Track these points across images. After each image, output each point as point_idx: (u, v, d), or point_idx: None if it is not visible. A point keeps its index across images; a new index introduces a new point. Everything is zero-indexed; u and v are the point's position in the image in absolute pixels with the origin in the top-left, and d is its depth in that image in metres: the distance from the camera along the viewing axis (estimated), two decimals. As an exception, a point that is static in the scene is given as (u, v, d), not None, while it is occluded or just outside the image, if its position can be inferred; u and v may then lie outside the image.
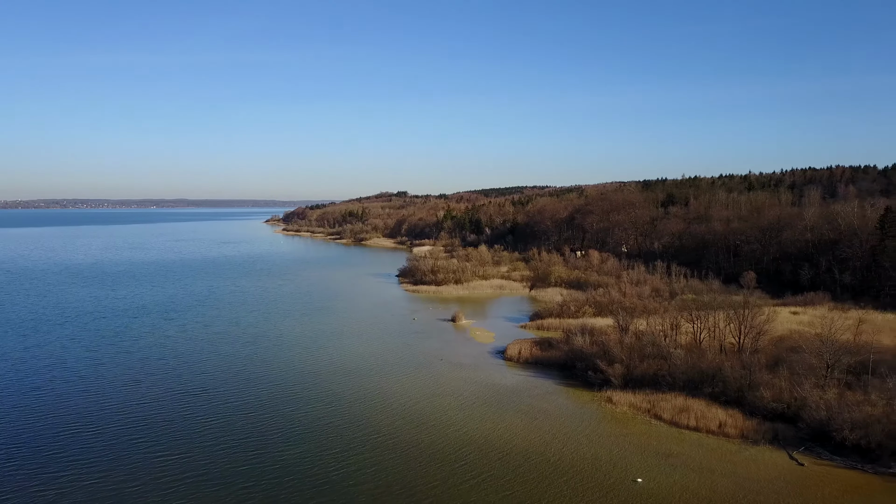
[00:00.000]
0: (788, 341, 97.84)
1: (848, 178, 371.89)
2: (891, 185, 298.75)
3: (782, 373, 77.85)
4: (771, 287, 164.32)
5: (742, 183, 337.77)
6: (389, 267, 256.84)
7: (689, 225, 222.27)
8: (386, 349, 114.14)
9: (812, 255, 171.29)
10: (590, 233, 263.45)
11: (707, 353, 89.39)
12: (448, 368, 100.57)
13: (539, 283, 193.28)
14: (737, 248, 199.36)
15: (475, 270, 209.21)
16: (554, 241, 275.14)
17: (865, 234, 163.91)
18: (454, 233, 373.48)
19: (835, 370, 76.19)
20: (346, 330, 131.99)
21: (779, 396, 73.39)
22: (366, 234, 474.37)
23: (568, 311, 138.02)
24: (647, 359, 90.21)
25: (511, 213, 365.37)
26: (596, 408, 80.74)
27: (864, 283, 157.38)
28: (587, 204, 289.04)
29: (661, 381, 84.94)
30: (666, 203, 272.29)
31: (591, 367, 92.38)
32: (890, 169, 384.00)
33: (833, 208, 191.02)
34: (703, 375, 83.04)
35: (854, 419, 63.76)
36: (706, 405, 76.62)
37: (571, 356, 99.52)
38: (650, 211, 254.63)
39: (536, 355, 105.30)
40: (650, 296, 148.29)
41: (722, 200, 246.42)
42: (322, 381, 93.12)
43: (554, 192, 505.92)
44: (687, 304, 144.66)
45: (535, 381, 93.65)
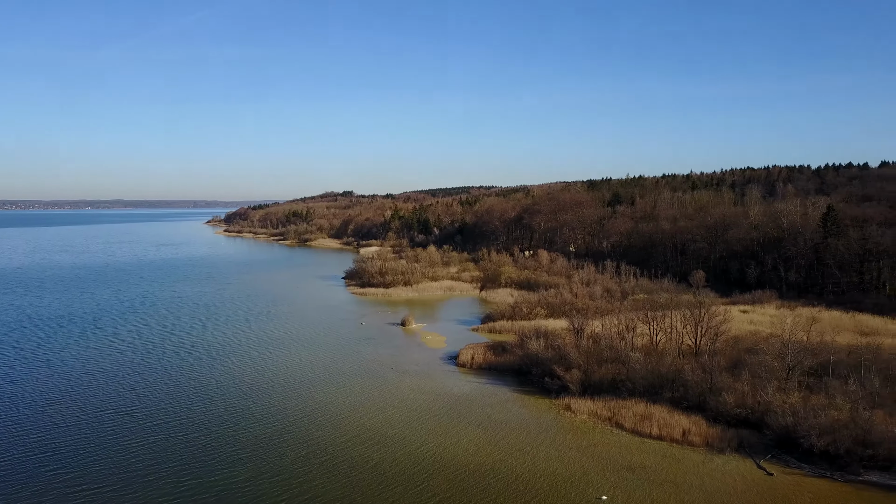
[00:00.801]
0: (745, 342, 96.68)
1: (784, 177, 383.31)
2: (824, 184, 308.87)
3: (744, 376, 75.82)
4: (719, 285, 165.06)
5: (685, 182, 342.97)
6: (335, 269, 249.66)
7: (637, 224, 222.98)
8: (333, 358, 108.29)
9: (758, 254, 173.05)
10: (538, 232, 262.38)
11: (665, 356, 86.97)
12: (399, 377, 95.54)
13: (489, 283, 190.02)
14: (684, 247, 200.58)
15: (424, 272, 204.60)
16: (503, 241, 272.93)
17: (809, 232, 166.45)
18: (402, 233, 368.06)
19: (795, 372, 74.55)
20: (290, 337, 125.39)
21: (742, 401, 71.16)
22: (311, 234, 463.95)
23: (520, 312, 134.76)
24: (605, 363, 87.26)
25: (459, 213, 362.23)
26: (555, 417, 77.07)
27: (809, 281, 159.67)
28: (535, 203, 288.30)
29: (620, 386, 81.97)
30: (612, 202, 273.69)
31: (548, 373, 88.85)
32: (823, 169, 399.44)
33: (776, 207, 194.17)
34: (663, 380, 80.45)
35: (821, 425, 61.77)
36: (668, 412, 73.88)
37: (527, 361, 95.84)
38: (597, 210, 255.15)
39: (490, 361, 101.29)
40: (602, 296, 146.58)
41: (667, 199, 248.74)
42: (263, 395, 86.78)
43: (500, 192, 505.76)
44: (639, 305, 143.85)
45: (489, 388, 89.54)
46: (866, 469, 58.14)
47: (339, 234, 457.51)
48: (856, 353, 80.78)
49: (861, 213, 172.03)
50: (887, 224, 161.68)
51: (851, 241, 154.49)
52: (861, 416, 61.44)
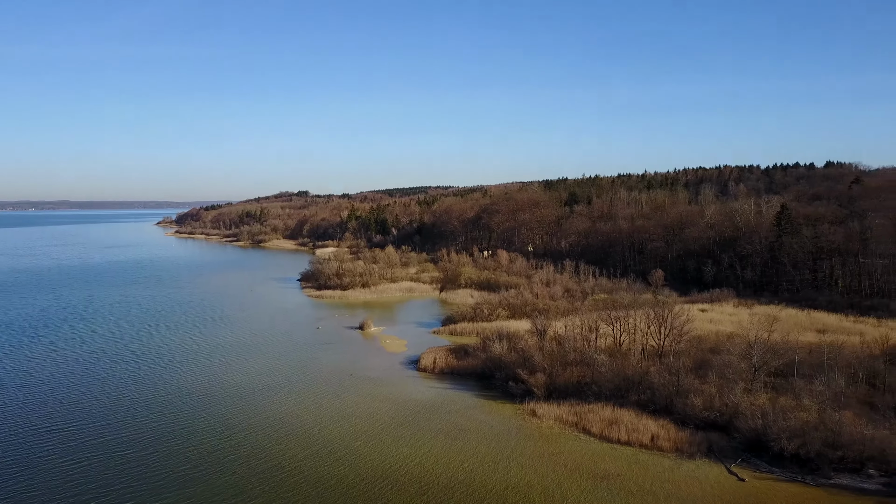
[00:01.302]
0: (707, 342, 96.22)
1: (735, 176, 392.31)
2: (773, 183, 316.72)
3: (711, 378, 74.77)
4: (677, 284, 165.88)
5: (641, 182, 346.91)
6: (291, 270, 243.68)
7: (595, 223, 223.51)
8: (288, 365, 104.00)
9: (714, 253, 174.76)
10: (496, 232, 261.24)
11: (630, 358, 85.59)
12: (358, 384, 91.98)
13: (449, 284, 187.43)
14: (641, 246, 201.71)
15: (383, 273, 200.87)
16: (462, 241, 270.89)
17: (764, 230, 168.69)
18: (359, 233, 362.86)
19: (761, 373, 73.84)
20: (243, 343, 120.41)
21: (710, 404, 69.99)
22: (265, 235, 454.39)
23: (481, 314, 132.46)
24: (569, 366, 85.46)
25: (417, 213, 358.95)
26: (520, 423, 74.72)
27: (764, 279, 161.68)
28: (493, 203, 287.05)
29: (586, 389, 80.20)
30: (569, 202, 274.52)
31: (512, 377, 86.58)
32: (771, 168, 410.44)
33: (731, 206, 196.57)
34: (629, 382, 78.97)
35: (791, 428, 60.81)
36: (635, 415, 72.29)
37: (490, 365, 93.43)
38: (555, 210, 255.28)
39: (452, 365, 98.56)
40: (563, 296, 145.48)
41: (624, 199, 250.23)
42: (215, 407, 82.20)
43: (458, 192, 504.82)
44: (599, 304, 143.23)
45: (452, 394, 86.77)
46: (837, 472, 57.35)
47: (295, 235, 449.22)
48: (818, 352, 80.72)
49: (813, 212, 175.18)
50: (838, 222, 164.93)
51: (805, 240, 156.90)
52: (830, 418, 60.71)
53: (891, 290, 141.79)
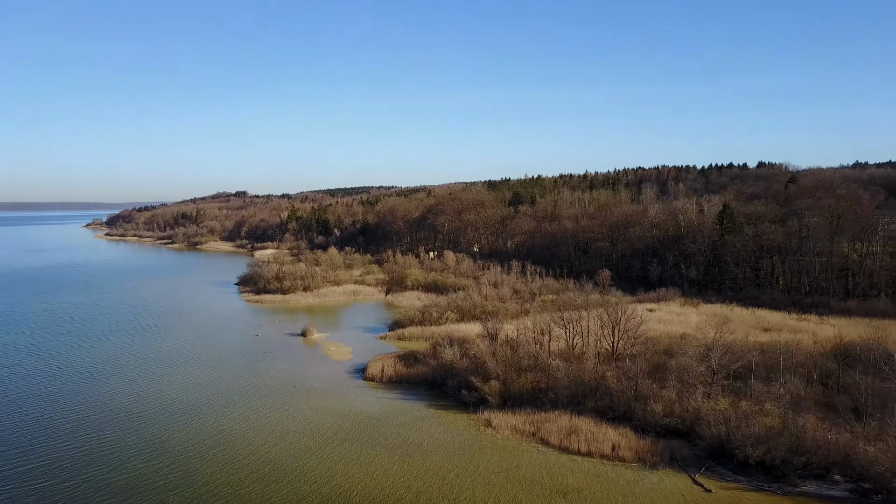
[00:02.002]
0: (660, 343, 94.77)
1: (674, 176, 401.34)
2: (709, 183, 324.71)
3: (670, 382, 72.74)
4: (623, 284, 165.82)
5: (583, 182, 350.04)
6: (228, 274, 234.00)
7: (540, 223, 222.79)
8: (225, 376, 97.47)
9: (659, 252, 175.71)
10: (442, 233, 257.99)
11: (586, 362, 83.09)
12: (301, 396, 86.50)
13: (395, 287, 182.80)
14: (586, 246, 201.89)
15: (326, 275, 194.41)
16: (407, 242, 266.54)
17: (707, 230, 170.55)
18: (300, 235, 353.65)
19: (720, 376, 72.27)
20: (175, 354, 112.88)
21: (670, 410, 67.88)
22: (201, 237, 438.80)
23: (430, 317, 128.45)
24: (524, 372, 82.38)
25: (361, 214, 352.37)
26: (475, 435, 70.97)
27: (708, 278, 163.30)
28: (438, 203, 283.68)
29: (542, 397, 77.22)
30: (513, 202, 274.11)
31: (465, 385, 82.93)
32: (707, 168, 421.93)
33: (674, 205, 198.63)
34: (586, 388, 76.37)
35: (755, 434, 59.00)
36: (594, 424, 69.54)
37: (441, 372, 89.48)
38: (500, 210, 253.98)
39: (401, 373, 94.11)
40: (512, 297, 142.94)
41: (567, 199, 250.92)
42: (144, 426, 75.48)
43: (401, 192, 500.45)
44: (548, 305, 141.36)
45: (402, 404, 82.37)
46: (803, 479, 55.74)
47: (232, 237, 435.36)
48: (771, 353, 79.89)
49: (753, 211, 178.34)
50: (777, 221, 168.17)
51: (747, 238, 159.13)
52: (794, 424, 59.21)
53: (829, 287, 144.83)
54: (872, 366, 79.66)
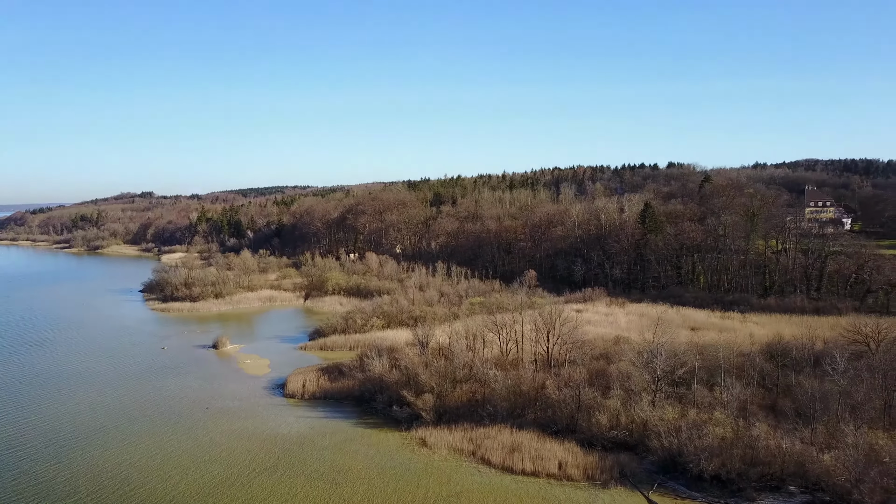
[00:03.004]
0: (595, 347, 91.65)
1: (590, 176, 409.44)
2: (623, 183, 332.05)
3: (614, 391, 69.08)
4: (547, 284, 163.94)
5: (503, 182, 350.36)
6: (132, 280, 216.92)
7: (463, 224, 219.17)
8: (124, 397, 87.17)
9: (583, 251, 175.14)
10: (363, 234, 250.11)
11: (523, 370, 78.61)
12: (214, 419, 77.82)
13: (315, 291, 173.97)
14: (510, 246, 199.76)
15: (239, 280, 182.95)
16: (326, 244, 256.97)
17: (629, 229, 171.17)
18: (211, 237, 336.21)
19: (664, 383, 69.29)
20: (67, 372, 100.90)
21: (615, 421, 64.18)
22: (103, 241, 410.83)
23: (354, 324, 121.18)
24: (459, 383, 77.12)
25: (275, 214, 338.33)
26: (410, 457, 64.90)
27: (631, 276, 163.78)
28: (358, 203, 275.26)
29: (479, 410, 72.09)
30: (435, 202, 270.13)
31: (396, 400, 76.76)
32: (620, 168, 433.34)
33: (595, 205, 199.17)
34: (526, 399, 71.91)
35: (708, 446, 55.85)
36: (537, 439, 64.94)
37: (369, 386, 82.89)
38: (422, 210, 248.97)
39: (325, 388, 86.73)
40: (440, 301, 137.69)
41: (489, 199, 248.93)
42: (25, 460, 65.18)
43: (318, 192, 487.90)
44: (476, 308, 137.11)
45: (327, 424, 75.23)
46: (758, 490, 52.94)
47: (137, 240, 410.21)
48: (709, 355, 77.86)
49: (673, 210, 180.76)
50: (696, 220, 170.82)
51: (668, 237, 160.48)
52: (747, 433, 56.49)
53: (747, 285, 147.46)
54: (807, 364, 79.59)
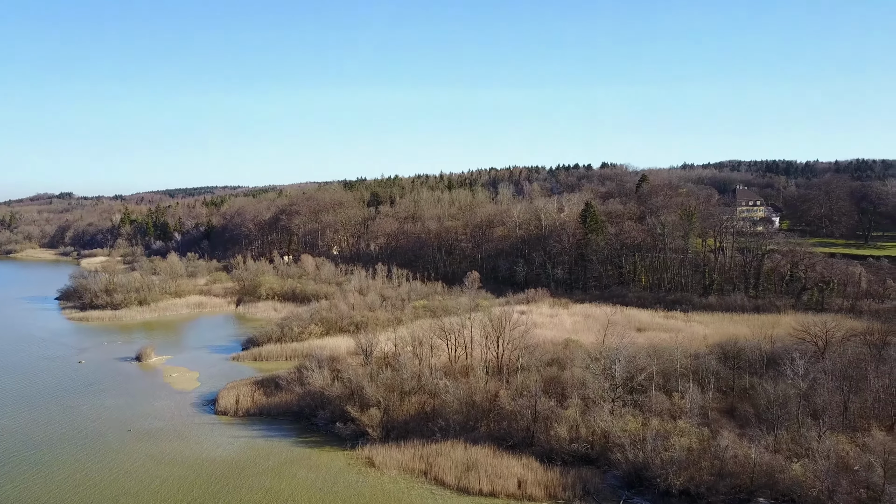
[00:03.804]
0: (545, 352, 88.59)
1: (526, 176, 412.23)
2: (558, 183, 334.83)
3: (572, 399, 65.71)
4: (489, 285, 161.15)
5: (440, 182, 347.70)
6: (47, 287, 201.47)
7: (403, 224, 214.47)
8: (32, 421, 78.34)
9: (524, 252, 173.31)
10: (298, 235, 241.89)
11: (475, 380, 74.46)
12: (136, 442, 70.39)
13: (247, 297, 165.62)
14: (451, 247, 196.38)
15: (165, 286, 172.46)
16: (258, 246, 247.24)
17: (570, 229, 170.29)
18: (135, 240, 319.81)
19: (623, 390, 66.41)
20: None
21: (575, 433, 60.80)
22: (16, 244, 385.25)
23: (291, 332, 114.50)
24: (408, 396, 72.33)
25: (205, 216, 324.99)
26: (357, 479, 59.69)
27: (573, 276, 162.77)
28: (292, 204, 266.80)
29: (430, 424, 67.57)
30: (373, 202, 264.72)
31: (339, 415, 71.37)
32: (555, 169, 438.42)
33: (536, 205, 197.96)
34: (479, 411, 67.86)
35: (676, 459, 53.00)
36: (493, 454, 60.88)
37: (309, 401, 77.06)
38: (360, 211, 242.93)
39: (261, 403, 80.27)
40: (382, 305, 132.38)
41: (428, 199, 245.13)
42: None
43: (249, 192, 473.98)
44: (420, 312, 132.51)
45: (265, 445, 69.07)
46: (729, 504, 50.40)
47: (55, 244, 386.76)
48: (665, 358, 75.83)
49: (613, 209, 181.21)
50: (636, 219, 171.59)
51: (610, 237, 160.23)
52: (715, 444, 53.94)
53: (688, 284, 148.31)
54: (760, 366, 78.70)
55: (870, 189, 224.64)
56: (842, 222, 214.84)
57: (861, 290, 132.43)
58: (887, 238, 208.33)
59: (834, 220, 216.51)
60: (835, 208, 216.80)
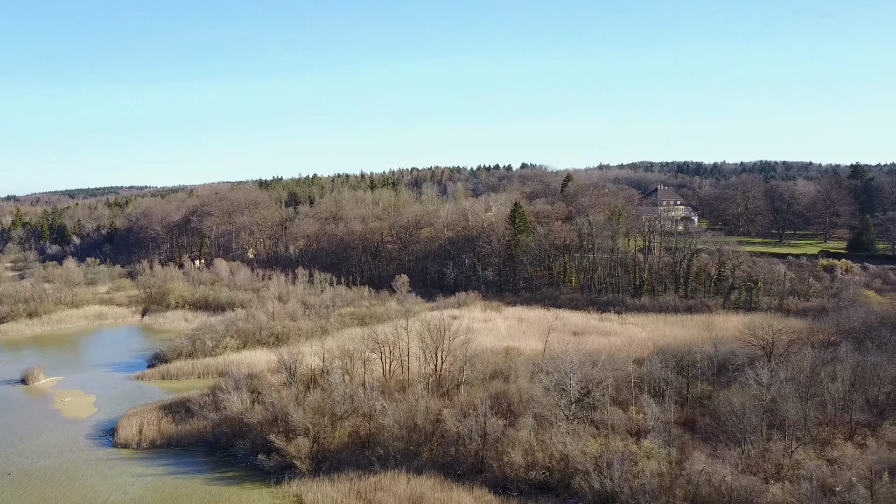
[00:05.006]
0: (486, 362, 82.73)
1: (448, 176, 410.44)
2: (479, 183, 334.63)
3: (524, 419, 59.67)
4: (419, 288, 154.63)
5: (362, 181, 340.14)
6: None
7: (324, 225, 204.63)
8: None
9: (453, 254, 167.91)
10: (210, 238, 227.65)
11: (413, 397, 67.36)
12: (15, 487, 59.28)
13: (155, 305, 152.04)
14: (377, 249, 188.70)
15: (60, 295, 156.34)
16: (167, 250, 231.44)
17: (500, 229, 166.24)
18: (28, 244, 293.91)
19: (579, 406, 61.02)
20: None
21: (532, 459, 54.74)
22: None
23: (203, 346, 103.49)
24: (340, 420, 64.40)
25: (107, 218, 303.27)
26: (285, 523, 51.54)
27: (503, 278, 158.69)
28: (204, 204, 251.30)
29: (367, 453, 60.01)
30: (291, 202, 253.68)
31: (262, 446, 62.63)
32: (477, 169, 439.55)
33: (463, 205, 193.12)
34: (422, 435, 60.89)
35: (646, 487, 47.80)
36: (441, 486, 54.03)
37: (226, 429, 67.73)
38: (277, 211, 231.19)
39: (170, 433, 70.08)
40: (305, 314, 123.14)
41: (350, 199, 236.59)
42: None
43: (157, 192, 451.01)
44: (347, 320, 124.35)
45: (173, 484, 59.44)
46: (705, 536, 45.70)
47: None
48: (618, 368, 71.32)
49: (542, 210, 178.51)
50: (564, 219, 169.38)
51: (539, 237, 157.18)
52: (687, 467, 49.14)
53: (619, 284, 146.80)
54: (710, 371, 75.74)
55: (783, 189, 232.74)
56: (757, 221, 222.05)
57: (786, 289, 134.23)
58: (799, 236, 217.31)
59: (750, 219, 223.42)
60: (751, 207, 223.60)
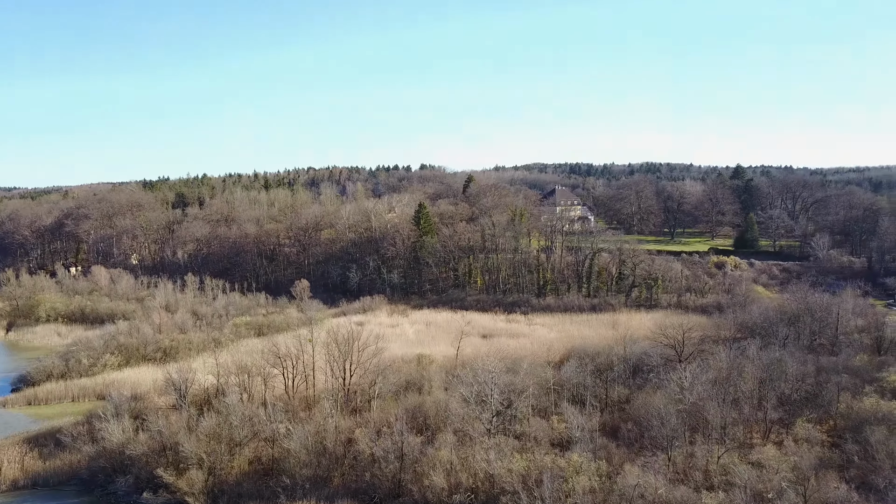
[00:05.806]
0: (398, 372, 78.20)
1: (346, 177, 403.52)
2: (378, 184, 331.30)
3: (443, 436, 55.54)
4: (321, 293, 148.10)
5: (256, 181, 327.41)
6: None
7: (215, 228, 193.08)
8: None
9: (357, 256, 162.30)
10: (88, 243, 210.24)
11: (320, 416, 61.83)
12: None
13: (22, 319, 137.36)
14: (273, 253, 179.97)
15: None
16: (37, 257, 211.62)
17: (404, 231, 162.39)
18: None
19: (501, 418, 57.65)
20: None
21: (456, 481, 50.66)
22: None
23: (79, 365, 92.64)
24: (239, 447, 57.79)
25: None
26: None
27: (409, 281, 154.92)
28: (80, 206, 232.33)
29: (271, 483, 53.95)
30: (178, 204, 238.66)
31: (147, 481, 55.12)
32: (376, 170, 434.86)
33: (365, 206, 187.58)
34: (332, 459, 55.52)
35: (580, 505, 44.93)
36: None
37: (104, 462, 59.49)
38: (164, 213, 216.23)
39: (35, 470, 60.67)
40: (195, 325, 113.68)
41: (243, 200, 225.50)
42: None
43: (26, 194, 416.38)
44: (243, 331, 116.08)
45: (40, 532, 51.15)
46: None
47: None
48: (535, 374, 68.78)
49: (445, 210, 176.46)
50: (469, 220, 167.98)
51: (444, 238, 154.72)
52: (619, 481, 46.67)
53: (523, 284, 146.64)
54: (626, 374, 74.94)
55: (672, 189, 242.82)
56: (650, 220, 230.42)
57: (683, 286, 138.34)
58: (688, 234, 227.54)
59: (643, 218, 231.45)
60: (644, 207, 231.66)
